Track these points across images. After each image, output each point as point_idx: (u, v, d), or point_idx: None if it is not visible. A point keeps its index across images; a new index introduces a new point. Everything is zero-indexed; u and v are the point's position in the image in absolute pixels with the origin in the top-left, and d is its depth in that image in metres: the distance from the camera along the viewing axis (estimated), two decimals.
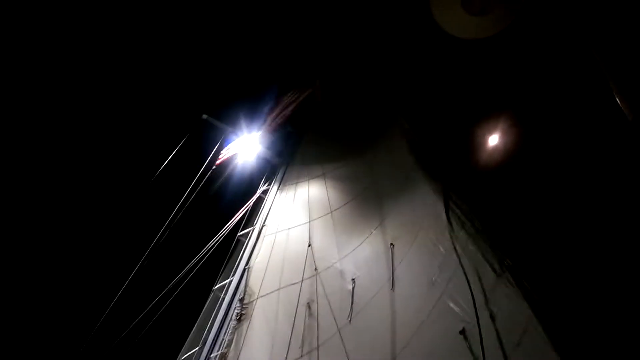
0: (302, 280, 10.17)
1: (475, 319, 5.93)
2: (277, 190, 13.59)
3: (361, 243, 10.21)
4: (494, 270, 5.96)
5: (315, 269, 10.17)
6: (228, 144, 13.19)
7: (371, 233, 10.11)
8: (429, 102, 11.93)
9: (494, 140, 10.47)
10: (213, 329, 10.56)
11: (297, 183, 13.50)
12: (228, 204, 13.11)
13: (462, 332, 5.94)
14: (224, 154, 12.86)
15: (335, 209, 11.86)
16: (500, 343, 5.25)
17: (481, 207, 7.41)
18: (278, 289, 10.78)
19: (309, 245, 10.85)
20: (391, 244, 9.07)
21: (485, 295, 5.84)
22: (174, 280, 11.56)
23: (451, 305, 6.55)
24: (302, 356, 8.75)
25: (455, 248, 6.98)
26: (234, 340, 10.36)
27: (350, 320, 8.50)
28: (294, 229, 12.10)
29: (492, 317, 5.61)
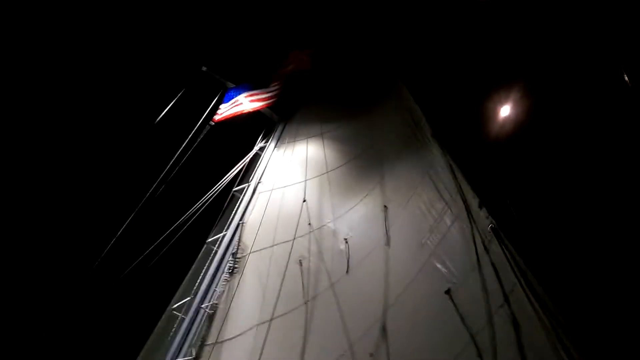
0: (295, 238, 10.26)
1: (461, 280, 6.08)
2: (275, 147, 13.55)
3: (355, 205, 10.29)
4: (484, 235, 6.03)
5: (309, 224, 10.25)
6: (227, 99, 13.01)
7: (366, 195, 10.18)
8: (430, 66, 11.77)
9: (495, 108, 10.41)
10: (205, 280, 10.71)
11: (294, 141, 13.46)
12: (224, 159, 13.07)
13: (448, 292, 6.09)
14: (223, 110, 12.71)
15: (332, 170, 11.89)
16: (486, 303, 5.37)
17: (476, 174, 7.41)
18: (271, 246, 10.90)
19: (304, 201, 10.90)
20: (385, 206, 9.15)
21: (475, 258, 5.92)
22: (167, 232, 11.65)
23: (438, 266, 6.68)
24: (292, 310, 8.92)
25: (449, 212, 7.05)
26: (225, 293, 10.54)
27: (342, 278, 8.66)
28: (290, 187, 12.15)
29: (479, 279, 5.72)
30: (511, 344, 4.99)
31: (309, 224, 10.30)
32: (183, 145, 12.18)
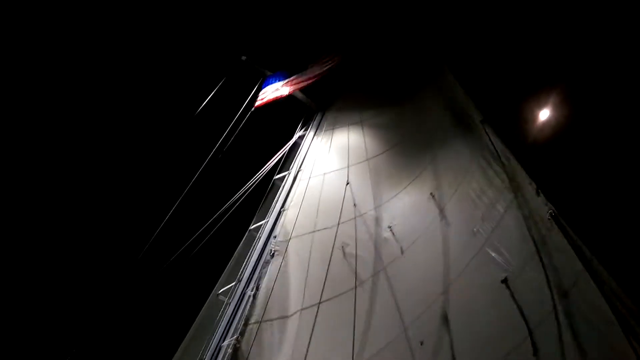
0: (339, 224, 10.27)
1: (519, 269, 5.97)
2: (314, 135, 13.55)
3: (399, 192, 10.22)
4: (543, 222, 5.88)
5: (355, 206, 10.25)
6: (266, 85, 13.06)
7: (409, 183, 10.09)
8: (476, 52, 11.49)
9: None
10: (249, 266, 10.88)
11: (333, 129, 13.43)
12: (264, 148, 13.17)
13: (504, 281, 5.99)
14: (262, 97, 12.78)
15: (372, 157, 11.82)
16: (547, 293, 5.25)
17: (530, 158, 7.23)
18: (313, 231, 10.97)
19: (347, 183, 10.88)
20: (431, 193, 9.05)
21: (533, 247, 5.80)
22: (209, 221, 11.86)
23: (493, 254, 6.57)
24: (339, 295, 8.99)
25: (501, 199, 6.91)
26: (268, 278, 10.67)
27: (389, 265, 8.66)
28: (330, 174, 12.16)
29: (538, 268, 5.59)
30: (574, 338, 4.87)
31: (354, 205, 10.28)
32: (225, 134, 12.32)
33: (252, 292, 10.30)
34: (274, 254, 10.92)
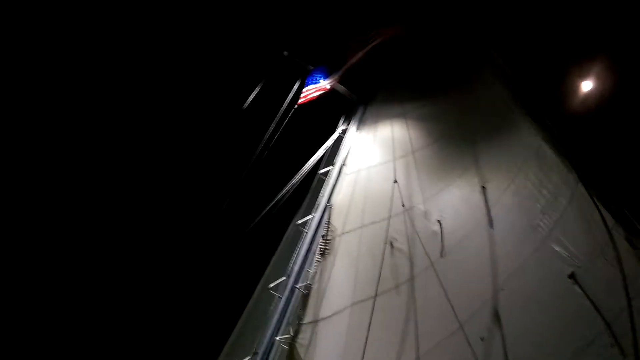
0: (387, 218, 10.24)
1: (587, 263, 5.82)
2: (357, 129, 13.51)
3: (447, 186, 10.08)
4: (611, 215, 5.71)
5: (403, 205, 10.17)
6: (309, 82, 13.09)
7: (459, 176, 9.93)
8: (523, 36, 11.15)
9: (588, 84, 9.79)
10: (297, 261, 10.99)
11: (376, 122, 13.33)
12: (308, 143, 13.23)
13: (572, 276, 5.85)
14: (306, 93, 12.82)
15: (417, 150, 11.68)
16: (616, 294, 5.11)
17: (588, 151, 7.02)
18: (360, 227, 10.98)
19: (395, 182, 10.80)
20: (482, 187, 8.89)
21: (603, 240, 5.64)
22: (259, 217, 12.03)
23: (557, 249, 6.42)
24: (391, 289, 9.00)
25: (564, 192, 6.73)
26: (317, 274, 10.75)
27: (440, 259, 8.57)
28: (375, 167, 12.10)
29: (607, 262, 5.44)
30: None
31: (403, 205, 10.19)
32: (270, 130, 12.45)
33: (303, 290, 10.43)
34: (324, 252, 10.97)
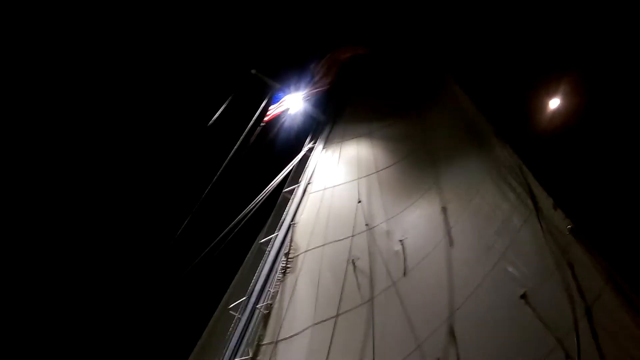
0: (350, 237, 10.24)
1: (538, 284, 5.91)
2: (323, 147, 13.55)
3: (410, 205, 10.16)
4: (562, 237, 5.84)
5: (366, 225, 10.19)
6: (276, 100, 13.11)
7: (421, 196, 10.03)
8: (482, 61, 11.50)
9: (553, 103, 10.10)
10: (259, 280, 10.81)
11: (342, 141, 13.42)
12: (274, 161, 13.18)
13: (524, 296, 5.93)
14: (272, 111, 12.82)
15: (382, 169, 11.79)
16: (568, 311, 5.20)
17: (544, 170, 7.19)
18: (323, 245, 10.91)
19: (359, 202, 10.84)
20: (443, 207, 8.99)
21: (553, 261, 5.75)
22: (221, 234, 11.84)
23: (510, 269, 6.52)
24: (352, 309, 8.92)
25: (517, 213, 6.87)
26: (279, 293, 10.60)
27: (401, 279, 8.58)
28: (339, 186, 12.12)
29: (559, 283, 5.54)
30: (597, 352, 4.82)
31: (366, 224, 10.21)
32: (235, 148, 12.34)
33: (263, 310, 10.24)
34: (285, 271, 10.85)
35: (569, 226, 5.74)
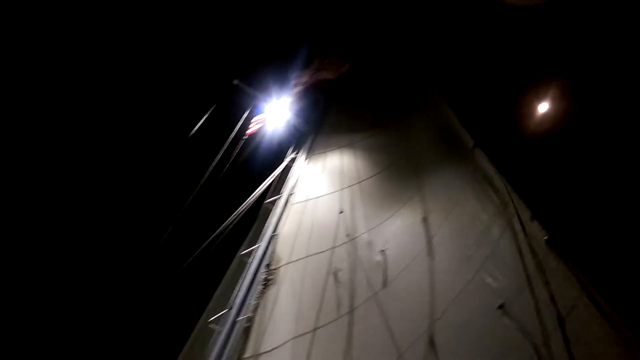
0: (331, 249, 10.19)
1: (515, 295, 5.92)
2: (306, 158, 13.53)
3: (391, 216, 10.19)
4: (539, 248, 5.87)
5: (347, 235, 10.17)
6: (258, 111, 13.10)
7: (402, 206, 10.07)
8: (465, 72, 11.64)
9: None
10: (240, 293, 10.66)
11: (325, 152, 13.43)
12: (256, 171, 13.11)
13: (501, 307, 5.93)
14: (254, 123, 12.79)
15: (364, 180, 11.82)
16: (544, 321, 5.21)
17: (524, 182, 7.26)
18: (305, 257, 10.84)
19: (341, 212, 10.82)
20: (424, 217, 9.02)
21: (530, 272, 5.77)
22: (202, 246, 11.70)
23: (488, 280, 6.53)
24: (333, 321, 8.84)
25: (496, 224, 6.90)
26: (260, 305, 10.47)
27: (382, 290, 8.55)
28: (322, 197, 12.09)
29: (535, 293, 5.56)
30: None
31: (347, 235, 10.19)
32: (217, 159, 12.26)
33: (244, 323, 10.09)
34: (267, 282, 10.73)
35: (546, 237, 5.77)
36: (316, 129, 14.38)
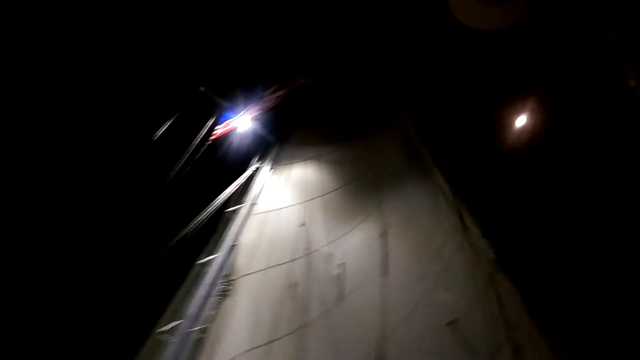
0: (290, 261, 10.10)
1: (464, 311, 5.97)
2: (270, 169, 13.44)
3: (352, 229, 10.20)
4: (489, 266, 5.95)
5: (306, 249, 10.11)
6: (224, 119, 12.94)
7: (363, 220, 10.09)
8: (432, 93, 11.83)
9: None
10: (195, 303, 10.39)
11: (290, 163, 13.38)
12: (219, 179, 12.90)
13: (450, 323, 5.96)
14: (219, 130, 12.63)
15: (328, 192, 11.82)
16: (492, 337, 5.26)
17: (479, 204, 7.37)
18: (265, 268, 10.70)
19: (303, 224, 10.76)
20: (383, 231, 9.06)
21: (480, 290, 5.83)
22: (159, 253, 11.38)
23: (440, 297, 6.58)
24: (284, 336, 8.71)
25: (450, 242, 6.97)
26: (216, 316, 10.25)
27: (332, 305, 8.49)
28: (285, 209, 12.01)
29: (482, 310, 5.62)
30: None
31: (305, 248, 10.12)
32: (179, 165, 12.03)
33: (199, 334, 9.84)
34: (224, 293, 10.52)
35: (494, 255, 5.85)
36: (282, 140, 14.34)
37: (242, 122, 13.05)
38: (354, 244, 9.84)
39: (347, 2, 13.65)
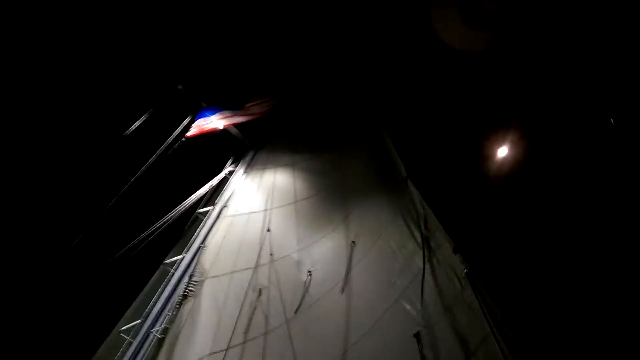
0: (257, 266, 10.04)
1: (431, 324, 6.06)
2: (244, 172, 13.37)
3: (322, 237, 10.22)
4: (459, 280, 6.07)
5: (271, 254, 10.07)
6: (200, 117, 12.81)
7: (333, 229, 10.13)
8: (410, 111, 12.02)
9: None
10: (158, 303, 10.23)
11: (264, 169, 13.35)
12: (190, 179, 12.74)
13: (417, 335, 6.03)
14: (195, 127, 12.49)
15: (300, 200, 11.82)
16: (458, 350, 5.35)
17: (453, 219, 7.51)
18: (231, 272, 10.59)
19: (268, 230, 10.74)
20: (352, 241, 9.11)
21: (447, 304, 5.94)
22: (121, 250, 11.10)
23: (408, 307, 6.65)
24: (246, 341, 8.62)
25: (420, 254, 7.07)
26: (177, 317, 10.07)
27: (297, 312, 8.47)
28: (255, 214, 11.95)
29: (450, 324, 5.72)
30: None
31: (271, 254, 10.10)
32: (150, 160, 11.82)
33: (158, 334, 9.64)
34: (187, 294, 10.35)
35: (465, 270, 5.98)
36: (258, 144, 14.31)
37: (218, 124, 12.95)
38: (324, 252, 9.86)
39: (334, 19, 13.76)
